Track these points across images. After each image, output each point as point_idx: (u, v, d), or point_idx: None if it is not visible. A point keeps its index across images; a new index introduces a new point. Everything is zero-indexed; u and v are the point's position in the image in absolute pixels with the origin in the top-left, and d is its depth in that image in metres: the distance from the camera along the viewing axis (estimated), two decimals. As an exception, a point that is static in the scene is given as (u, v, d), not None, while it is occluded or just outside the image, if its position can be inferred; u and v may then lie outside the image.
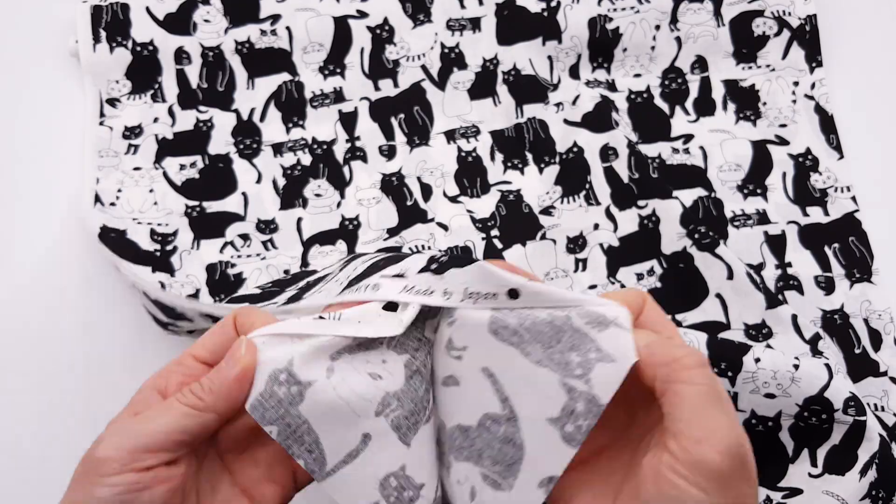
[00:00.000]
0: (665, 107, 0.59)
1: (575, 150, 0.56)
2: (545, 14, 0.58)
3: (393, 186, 0.56)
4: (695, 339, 0.45)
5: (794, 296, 0.53)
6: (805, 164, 0.57)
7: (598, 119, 0.56)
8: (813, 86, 0.58)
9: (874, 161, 0.57)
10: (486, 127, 0.58)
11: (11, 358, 0.52)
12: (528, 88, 0.58)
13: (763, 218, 0.55)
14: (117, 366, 0.52)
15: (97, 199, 0.53)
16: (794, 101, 0.58)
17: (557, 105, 0.57)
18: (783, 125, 0.58)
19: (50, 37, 0.58)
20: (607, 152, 0.55)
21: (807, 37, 0.59)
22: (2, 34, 0.59)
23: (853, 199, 0.56)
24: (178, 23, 0.58)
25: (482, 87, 0.58)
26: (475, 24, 0.59)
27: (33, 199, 0.56)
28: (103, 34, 0.57)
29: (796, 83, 0.59)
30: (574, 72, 0.59)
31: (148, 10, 0.58)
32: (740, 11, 0.59)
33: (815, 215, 0.56)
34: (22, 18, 0.59)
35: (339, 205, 0.56)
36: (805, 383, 0.44)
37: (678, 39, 0.59)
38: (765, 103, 0.59)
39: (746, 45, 0.59)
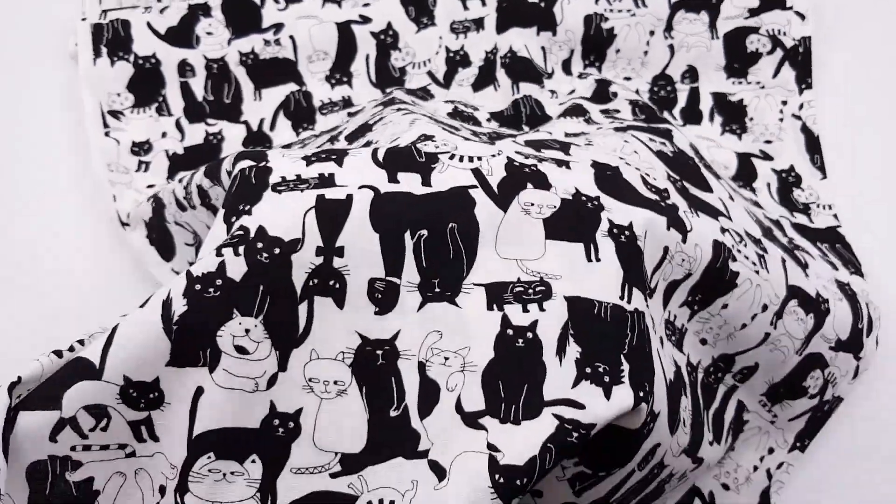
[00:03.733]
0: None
1: None
2: (542, 4, 0.58)
3: None
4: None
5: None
6: (788, 181, 0.56)
7: (598, 98, 0.56)
8: (801, 106, 0.58)
9: (857, 184, 0.57)
10: (486, 109, 0.57)
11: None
12: (524, 70, 0.58)
13: (756, 204, 0.55)
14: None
15: (123, 222, 0.53)
16: (781, 120, 0.58)
17: (552, 92, 0.57)
18: (768, 141, 0.58)
19: (50, 37, 0.57)
20: None
21: (799, 58, 0.59)
22: (1, 34, 0.59)
23: (835, 216, 0.55)
24: (181, 36, 0.57)
25: (484, 78, 0.58)
26: (478, 24, 0.59)
27: (33, 201, 0.55)
28: (104, 50, 0.56)
29: (784, 102, 0.58)
30: (566, 67, 0.59)
31: (149, 24, 0.57)
32: (736, 27, 0.59)
33: (801, 220, 0.55)
34: (21, 18, 0.59)
35: None
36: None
37: (671, 47, 0.59)
38: (751, 119, 0.58)
39: (739, 59, 0.59)
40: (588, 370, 0.35)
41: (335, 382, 0.36)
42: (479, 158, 0.39)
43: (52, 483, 0.33)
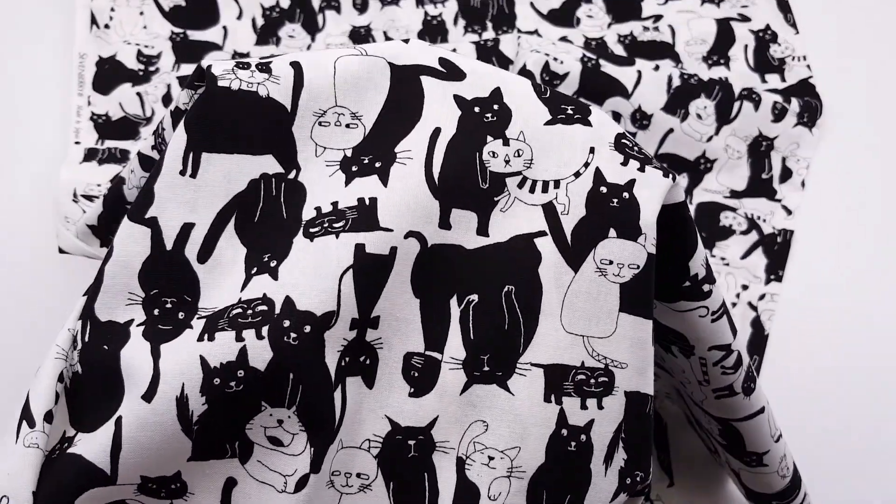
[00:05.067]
0: None
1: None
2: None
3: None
4: None
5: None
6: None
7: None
8: (762, 297, 0.50)
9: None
10: None
11: None
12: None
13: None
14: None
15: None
16: (735, 304, 0.50)
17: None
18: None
19: (49, 37, 0.57)
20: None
21: (776, 247, 0.52)
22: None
23: None
24: None
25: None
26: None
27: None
28: (95, 162, 0.53)
29: (745, 287, 0.51)
30: None
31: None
32: (712, 200, 0.54)
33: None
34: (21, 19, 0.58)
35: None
36: None
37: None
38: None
39: (708, 230, 0.53)
40: (628, 481, 0.31)
41: (358, 475, 0.31)
42: (557, 185, 0.32)
43: None
